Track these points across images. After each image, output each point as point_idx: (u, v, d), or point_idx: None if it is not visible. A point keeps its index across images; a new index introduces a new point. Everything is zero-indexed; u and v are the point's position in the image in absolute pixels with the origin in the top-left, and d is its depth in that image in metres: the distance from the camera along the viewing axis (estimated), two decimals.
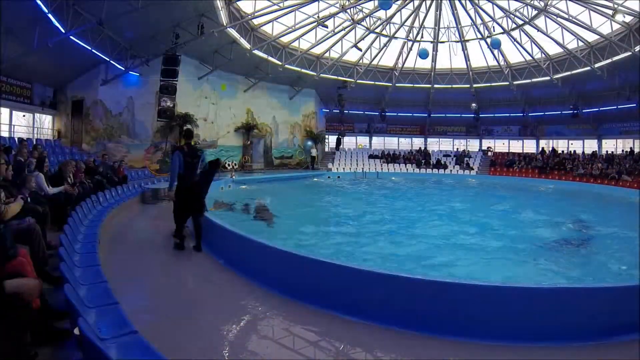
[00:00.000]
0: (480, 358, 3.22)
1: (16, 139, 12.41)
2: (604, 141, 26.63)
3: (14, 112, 15.53)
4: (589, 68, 21.52)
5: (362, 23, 23.19)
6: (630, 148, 24.05)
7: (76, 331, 2.34)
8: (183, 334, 3.43)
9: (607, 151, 25.29)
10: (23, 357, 2.54)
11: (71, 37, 13.65)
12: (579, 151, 26.49)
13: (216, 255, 5.83)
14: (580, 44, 21.48)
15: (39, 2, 11.89)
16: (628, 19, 18.04)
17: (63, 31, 13.14)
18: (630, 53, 18.73)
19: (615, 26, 19.11)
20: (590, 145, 26.90)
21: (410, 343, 3.43)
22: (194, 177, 6.11)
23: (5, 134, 14.21)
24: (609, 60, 20.39)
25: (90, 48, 14.87)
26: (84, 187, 8.33)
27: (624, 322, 3.47)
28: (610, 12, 17.78)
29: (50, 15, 12.43)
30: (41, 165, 7.49)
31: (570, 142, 28.05)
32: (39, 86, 16.60)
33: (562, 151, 26.88)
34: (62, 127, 17.99)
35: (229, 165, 21.22)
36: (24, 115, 16.27)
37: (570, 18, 19.72)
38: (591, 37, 20.72)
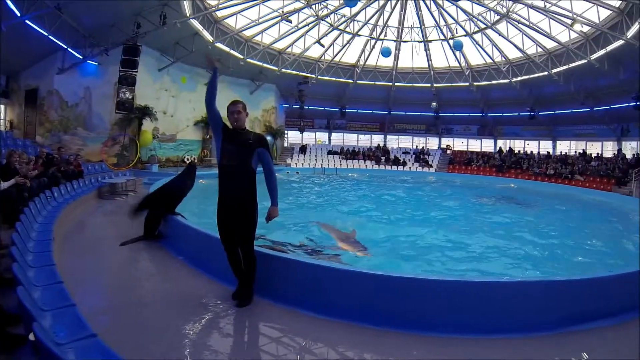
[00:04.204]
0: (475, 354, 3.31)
1: None
2: (558, 143, 28.06)
3: None
4: (546, 73, 22.56)
5: (327, 19, 23.25)
6: (583, 150, 25.62)
7: (31, 337, 2.26)
8: (144, 335, 3.37)
9: (561, 152, 26.62)
10: None
11: (27, 21, 12.97)
12: (535, 151, 27.74)
13: (175, 252, 5.72)
14: (539, 50, 22.50)
15: None
16: (585, 29, 19.02)
17: (19, 14, 12.46)
18: (586, 61, 19.77)
19: (573, 35, 20.12)
20: (545, 146, 28.24)
21: (397, 342, 3.49)
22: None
23: None
24: (565, 67, 21.44)
25: (47, 34, 14.11)
26: (40, 181, 7.98)
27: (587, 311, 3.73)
28: (569, 21, 18.63)
29: None
30: None
31: (527, 142, 29.34)
32: None
33: (519, 151, 28.13)
34: (15, 117, 17.06)
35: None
36: None
37: (531, 25, 20.57)
38: (550, 44, 21.74)
